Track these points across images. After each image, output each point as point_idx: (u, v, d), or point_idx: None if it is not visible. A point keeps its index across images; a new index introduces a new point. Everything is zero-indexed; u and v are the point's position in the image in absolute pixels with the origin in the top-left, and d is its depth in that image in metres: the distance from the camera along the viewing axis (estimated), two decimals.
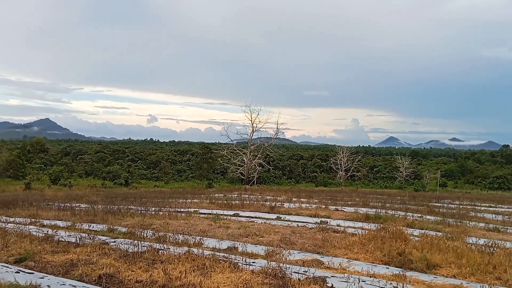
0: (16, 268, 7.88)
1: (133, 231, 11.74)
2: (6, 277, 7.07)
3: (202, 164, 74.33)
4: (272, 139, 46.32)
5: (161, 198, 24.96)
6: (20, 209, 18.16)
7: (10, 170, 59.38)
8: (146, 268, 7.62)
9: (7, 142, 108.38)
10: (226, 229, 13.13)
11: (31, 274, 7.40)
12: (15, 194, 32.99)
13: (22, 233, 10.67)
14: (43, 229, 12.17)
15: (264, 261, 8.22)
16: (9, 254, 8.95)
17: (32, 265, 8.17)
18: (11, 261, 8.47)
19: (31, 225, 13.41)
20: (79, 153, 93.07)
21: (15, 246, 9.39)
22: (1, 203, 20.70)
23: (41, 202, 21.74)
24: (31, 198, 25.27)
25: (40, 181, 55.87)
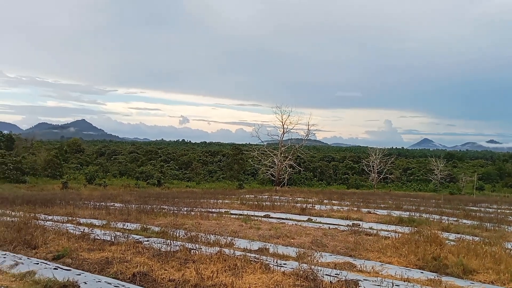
0: (54, 264, 8.13)
1: (166, 231, 11.91)
2: (45, 273, 7.31)
3: (233, 165, 74.73)
4: (303, 141, 46.08)
5: (193, 199, 25.25)
6: (58, 208, 18.73)
7: (48, 170, 61.37)
8: (178, 267, 7.72)
9: (46, 142, 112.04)
10: (257, 230, 13.15)
11: (68, 271, 7.62)
12: (53, 193, 34.08)
13: (60, 231, 11.00)
14: (79, 227, 12.52)
15: (295, 263, 8.19)
16: (48, 251, 9.25)
17: (70, 262, 8.42)
18: (49, 258, 8.76)
19: (68, 223, 13.81)
20: (114, 154, 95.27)
21: (53, 244, 9.69)
22: (40, 201, 21.41)
23: (78, 201, 22.37)
24: (68, 197, 26.05)
25: (76, 180, 57.50)
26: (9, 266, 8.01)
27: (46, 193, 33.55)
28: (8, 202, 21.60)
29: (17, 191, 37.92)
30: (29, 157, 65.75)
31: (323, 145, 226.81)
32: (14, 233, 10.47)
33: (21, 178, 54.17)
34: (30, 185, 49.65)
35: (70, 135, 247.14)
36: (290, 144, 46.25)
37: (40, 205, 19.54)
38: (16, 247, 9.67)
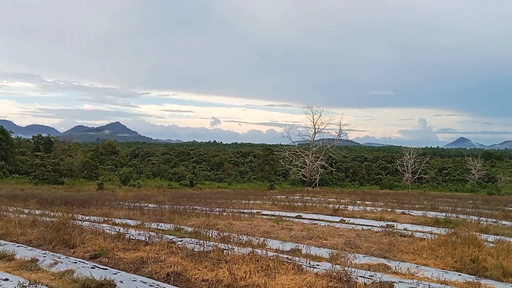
0: (91, 263, 8.35)
1: (199, 231, 12.02)
2: (83, 272, 7.51)
3: (264, 165, 74.77)
4: (334, 141, 45.63)
5: (225, 199, 25.42)
6: (94, 208, 19.23)
7: (85, 171, 63.11)
8: (211, 267, 7.78)
9: (82, 145, 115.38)
10: (289, 231, 13.11)
11: (105, 270, 7.80)
12: (89, 194, 35.01)
13: (96, 231, 11.27)
14: (115, 227, 12.80)
15: (329, 264, 8.11)
16: (85, 250, 9.51)
17: (106, 261, 8.62)
18: (87, 257, 9.00)
19: (104, 223, 14.15)
20: (147, 155, 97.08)
21: (90, 243, 9.95)
22: (77, 202, 22.04)
23: (113, 202, 22.89)
24: (104, 198, 26.70)
25: (112, 181, 58.87)
26: (49, 265, 8.27)
27: (83, 194, 34.50)
28: (47, 203, 22.33)
29: (56, 192, 39.16)
30: (67, 159, 67.80)
31: (356, 145, 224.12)
32: (53, 233, 10.80)
33: (59, 179, 55.90)
34: (67, 186, 51.18)
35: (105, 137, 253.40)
36: (322, 144, 45.87)
37: (77, 206, 20.10)
38: (55, 246, 9.99)
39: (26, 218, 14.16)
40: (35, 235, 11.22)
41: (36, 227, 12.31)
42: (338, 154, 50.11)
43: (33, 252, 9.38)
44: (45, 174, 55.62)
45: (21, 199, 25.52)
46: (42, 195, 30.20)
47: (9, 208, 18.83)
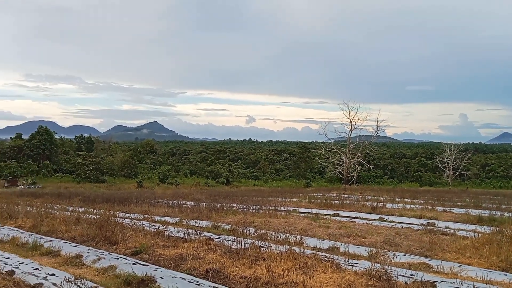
0: (133, 260, 8.56)
1: (236, 228, 12.09)
2: (124, 268, 7.72)
3: (300, 163, 74.48)
4: (372, 137, 44.96)
5: (261, 197, 25.46)
6: (134, 206, 19.71)
7: (125, 170, 64.78)
8: (249, 264, 7.82)
9: (122, 144, 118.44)
10: (327, 228, 12.99)
11: (145, 266, 7.98)
12: (129, 192, 35.92)
13: (137, 228, 11.55)
14: (154, 225, 13.07)
15: (367, 262, 7.99)
16: (127, 247, 9.76)
17: (147, 257, 8.82)
18: (128, 254, 9.23)
19: (144, 220, 14.48)
20: (184, 154, 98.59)
21: (131, 240, 10.21)
22: (118, 200, 22.65)
23: (152, 200, 23.39)
24: (143, 196, 27.31)
25: (150, 179, 60.18)
26: (93, 261, 8.55)
27: (123, 192, 35.43)
28: (89, 200, 23.06)
29: (97, 190, 40.41)
30: (107, 158, 69.81)
31: (394, 142, 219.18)
32: (96, 229, 11.16)
33: (100, 178, 57.64)
34: (108, 185, 52.73)
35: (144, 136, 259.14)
36: (359, 141, 45.28)
37: (118, 204, 20.66)
38: (98, 242, 10.31)
39: (70, 215, 14.67)
40: (79, 232, 11.62)
41: (79, 224, 12.74)
42: (375, 151, 49.41)
43: (77, 248, 9.72)
44: (87, 173, 57.48)
45: (65, 197, 26.50)
46: (85, 193, 31.22)
47: (54, 206, 19.56)
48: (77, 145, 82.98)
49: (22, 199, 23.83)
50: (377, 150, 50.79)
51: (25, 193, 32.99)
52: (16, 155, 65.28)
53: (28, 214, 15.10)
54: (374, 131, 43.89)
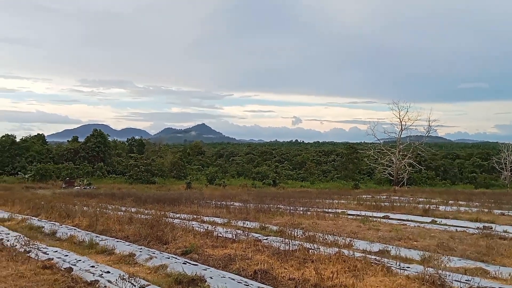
0: (183, 259, 8.74)
1: (284, 230, 12.09)
2: (175, 267, 7.90)
3: (348, 164, 73.30)
4: (423, 137, 43.53)
5: (308, 198, 25.31)
6: (183, 206, 20.14)
7: (174, 171, 66.31)
8: (297, 266, 7.78)
9: (171, 146, 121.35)
10: (376, 231, 12.73)
11: (195, 266, 8.13)
12: (179, 193, 36.72)
13: (186, 228, 11.78)
14: (203, 225, 13.30)
15: (420, 266, 7.74)
16: (177, 246, 9.99)
17: (196, 257, 8.99)
18: (178, 253, 9.44)
19: (193, 221, 14.77)
20: (231, 155, 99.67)
21: (181, 240, 10.44)
22: (168, 200, 23.23)
23: (201, 200, 23.80)
24: (192, 197, 27.84)
25: (199, 181, 61.24)
26: (145, 259, 8.81)
27: (172, 193, 36.27)
28: (141, 201, 23.79)
29: (148, 191, 41.61)
30: (158, 160, 71.70)
31: (446, 142, 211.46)
32: (148, 229, 11.49)
33: (151, 179, 59.26)
34: (158, 185, 54.13)
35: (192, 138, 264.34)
36: (409, 142, 43.98)
37: (168, 204, 21.19)
38: (150, 242, 10.62)
39: (123, 215, 15.19)
40: (131, 231, 12.01)
41: (132, 223, 13.16)
42: (427, 152, 47.81)
43: (130, 247, 10.04)
44: (138, 174, 59.29)
45: (118, 197, 27.49)
46: (137, 193, 32.24)
47: (109, 206, 20.32)
48: (129, 147, 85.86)
49: (79, 199, 24.95)
50: (428, 151, 49.04)
51: (81, 193, 34.53)
52: (72, 157, 68.39)
53: (85, 213, 15.78)
54: (426, 131, 42.47)
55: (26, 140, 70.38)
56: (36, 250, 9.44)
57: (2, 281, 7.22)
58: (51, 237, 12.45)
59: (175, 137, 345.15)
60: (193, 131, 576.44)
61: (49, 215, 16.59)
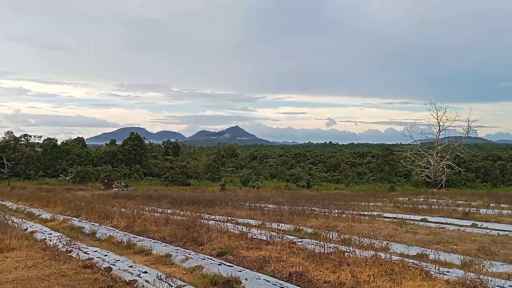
0: (218, 260, 8.81)
1: (318, 232, 12.00)
2: (210, 268, 7.98)
3: (383, 166, 72.01)
4: (462, 138, 42.19)
5: (343, 201, 25.02)
6: (218, 208, 20.32)
7: (208, 173, 67.06)
8: (333, 269, 7.70)
9: (205, 148, 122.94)
10: (414, 234, 12.44)
11: (230, 267, 8.18)
12: (213, 195, 37.10)
13: (221, 230, 11.88)
14: (238, 227, 13.37)
15: (460, 271, 7.51)
16: (212, 248, 10.08)
17: (231, 259, 9.04)
18: (214, 254, 9.53)
19: (228, 222, 14.86)
20: (265, 157, 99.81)
21: (216, 241, 10.53)
22: (203, 202, 23.50)
23: (235, 202, 23.95)
24: (226, 198, 28.07)
25: (233, 183, 61.66)
26: (181, 260, 8.93)
27: (207, 195, 36.68)
28: (177, 202, 24.18)
29: (183, 192, 42.22)
30: (192, 162, 72.72)
31: (487, 143, 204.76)
32: (184, 230, 11.66)
33: (186, 181, 60.13)
34: (193, 187, 54.87)
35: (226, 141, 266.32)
36: (448, 143, 42.74)
37: (203, 206, 21.43)
38: (186, 243, 10.77)
39: (160, 216, 15.47)
40: (168, 232, 12.22)
41: (168, 225, 13.38)
42: (466, 153, 46.38)
43: (166, 248, 10.21)
44: (174, 176, 60.28)
45: (154, 199, 28.03)
46: (172, 195, 32.77)
47: (145, 207, 20.75)
48: (164, 150, 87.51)
49: (117, 201, 25.59)
50: (468, 152, 47.51)
51: (119, 195, 35.42)
52: (111, 159, 70.27)
53: (122, 215, 16.16)
54: (465, 132, 41.08)
55: (67, 144, 72.90)
56: (77, 250, 9.74)
57: (46, 280, 7.49)
58: (91, 237, 12.82)
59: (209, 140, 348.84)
60: (227, 133, 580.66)
61: (89, 216, 17.09)
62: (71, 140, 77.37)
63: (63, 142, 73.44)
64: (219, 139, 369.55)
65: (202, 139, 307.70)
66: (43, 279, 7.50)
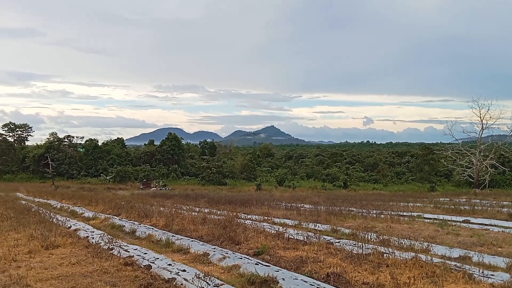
0: (255, 260, 8.84)
1: (356, 233, 11.83)
2: (248, 268, 8.02)
3: (423, 166, 70.20)
4: (507, 137, 40.65)
5: (381, 201, 24.57)
6: (254, 208, 20.38)
7: (244, 173, 67.44)
8: (371, 270, 7.58)
9: (241, 148, 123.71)
10: (456, 236, 12.07)
11: (267, 267, 8.19)
12: (249, 194, 37.25)
13: (258, 229, 11.91)
14: (274, 226, 13.36)
15: (506, 274, 7.24)
16: (249, 247, 10.13)
17: (268, 258, 9.06)
18: (250, 254, 9.57)
19: (264, 222, 14.88)
20: (300, 157, 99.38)
21: (253, 241, 10.57)
22: (239, 202, 23.65)
23: (271, 202, 23.96)
24: (262, 198, 28.13)
25: (268, 182, 61.73)
26: (218, 259, 9.03)
27: (243, 194, 36.87)
28: (213, 202, 24.44)
29: (220, 192, 42.64)
30: (228, 162, 73.36)
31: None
32: (221, 229, 11.77)
33: (222, 180, 60.70)
34: (229, 187, 55.31)
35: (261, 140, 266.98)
36: (491, 142, 41.26)
37: (239, 205, 21.56)
38: (223, 242, 10.86)
39: (197, 215, 15.67)
40: (205, 231, 12.36)
41: (205, 224, 13.54)
42: (511, 152, 44.53)
43: (204, 246, 10.34)
44: (210, 176, 60.97)
45: (192, 198, 28.45)
46: (209, 195, 33.15)
47: (183, 207, 21.08)
48: (201, 149, 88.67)
49: (155, 200, 26.12)
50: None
51: (158, 194, 36.17)
52: (149, 159, 71.86)
53: (161, 213, 16.47)
54: (510, 130, 39.59)
55: (107, 144, 75.10)
56: (118, 248, 10.01)
57: (89, 276, 7.74)
58: (131, 235, 13.14)
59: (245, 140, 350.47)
60: (262, 133, 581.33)
61: (128, 215, 17.53)
62: (111, 141, 79.67)
63: (103, 142, 75.75)
64: (255, 139, 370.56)
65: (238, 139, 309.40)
66: (86, 276, 7.75)
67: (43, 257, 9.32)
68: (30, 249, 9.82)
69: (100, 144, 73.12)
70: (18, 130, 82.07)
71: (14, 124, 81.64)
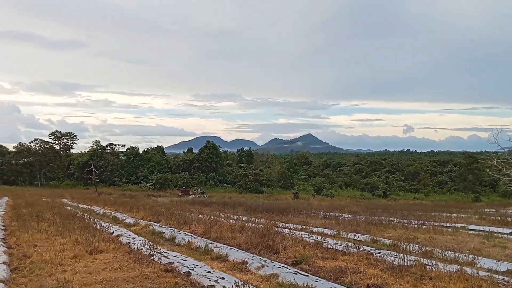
0: (293, 269, 8.78)
1: (397, 244, 11.56)
2: (286, 277, 7.97)
3: (467, 175, 67.82)
4: None
5: (423, 211, 23.92)
6: (292, 216, 20.27)
7: (281, 181, 67.30)
8: (414, 283, 7.38)
9: (278, 156, 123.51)
10: (503, 249, 11.58)
11: (306, 277, 8.11)
12: (286, 202, 37.11)
13: (296, 238, 11.83)
14: (312, 236, 13.22)
15: None
16: (287, 256, 10.07)
17: (307, 268, 8.97)
18: (289, 263, 9.51)
19: (302, 231, 14.76)
20: (338, 165, 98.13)
21: (291, 250, 10.50)
22: (277, 210, 23.59)
23: (309, 211, 23.78)
24: (300, 207, 27.95)
25: (305, 191, 61.30)
26: (257, 268, 9.02)
27: (280, 203, 36.76)
28: (251, 210, 24.49)
29: (257, 200, 42.71)
30: (265, 170, 73.41)
31: None
32: (259, 238, 11.76)
33: (259, 188, 60.79)
34: (266, 195, 55.32)
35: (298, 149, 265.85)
36: None
37: (277, 214, 21.49)
38: (261, 251, 10.85)
39: (235, 223, 15.73)
40: (243, 239, 12.39)
41: (243, 232, 13.56)
42: None
43: (242, 254, 10.36)
44: (247, 184, 61.21)
45: (229, 206, 28.62)
46: (246, 202, 33.25)
47: (221, 214, 21.23)
48: (238, 157, 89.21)
49: (194, 207, 26.44)
50: None
51: (196, 201, 36.62)
52: (188, 167, 72.99)
53: (200, 221, 16.65)
54: None
55: (147, 152, 76.87)
56: (158, 254, 10.19)
57: (130, 281, 7.92)
58: (171, 242, 13.34)
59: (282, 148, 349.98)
60: (299, 141, 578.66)
61: (168, 222, 17.80)
62: (151, 149, 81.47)
63: (144, 150, 77.60)
64: (292, 147, 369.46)
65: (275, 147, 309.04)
66: (128, 281, 7.93)
67: (87, 261, 9.61)
68: (75, 254, 10.14)
69: (141, 152, 74.98)
70: (64, 138, 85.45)
71: (60, 133, 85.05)
